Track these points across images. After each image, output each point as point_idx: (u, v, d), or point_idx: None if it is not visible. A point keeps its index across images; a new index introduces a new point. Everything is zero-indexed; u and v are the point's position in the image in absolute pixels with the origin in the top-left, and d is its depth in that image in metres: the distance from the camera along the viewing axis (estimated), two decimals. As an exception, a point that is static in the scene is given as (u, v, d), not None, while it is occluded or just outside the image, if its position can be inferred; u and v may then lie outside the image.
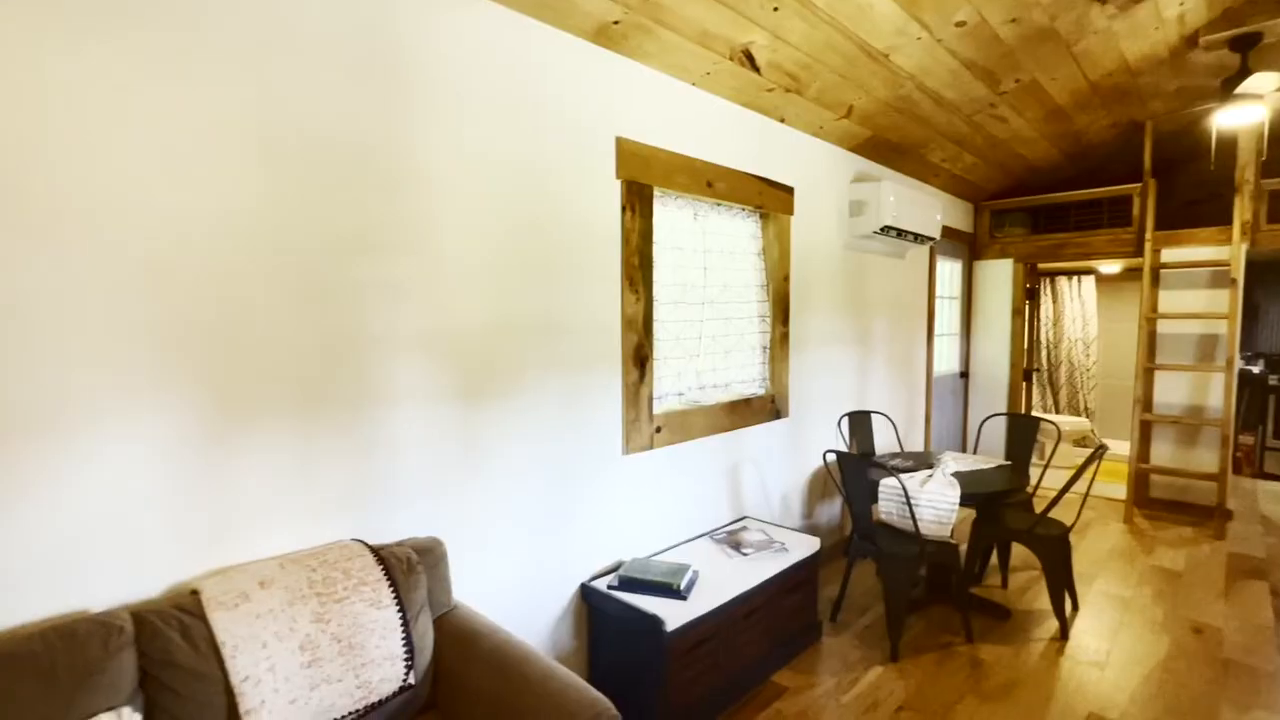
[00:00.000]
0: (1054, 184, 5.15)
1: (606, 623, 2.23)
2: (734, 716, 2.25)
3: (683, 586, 2.18)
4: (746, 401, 3.03)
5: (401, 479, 1.80)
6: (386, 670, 1.44)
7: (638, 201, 2.43)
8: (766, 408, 3.15)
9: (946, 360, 5.24)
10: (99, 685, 1.16)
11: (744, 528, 2.88)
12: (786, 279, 3.21)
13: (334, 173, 1.63)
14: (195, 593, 1.37)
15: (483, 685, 1.48)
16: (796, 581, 2.61)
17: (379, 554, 1.57)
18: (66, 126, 1.26)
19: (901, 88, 3.02)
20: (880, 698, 2.35)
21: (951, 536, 2.73)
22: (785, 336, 3.23)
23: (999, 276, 5.30)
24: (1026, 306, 5.44)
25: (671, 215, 2.70)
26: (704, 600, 2.18)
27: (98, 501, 1.32)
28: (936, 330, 4.95)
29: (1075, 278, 6.91)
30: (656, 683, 2.05)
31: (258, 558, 1.53)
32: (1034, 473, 4.51)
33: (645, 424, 2.52)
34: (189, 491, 1.44)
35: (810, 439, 3.51)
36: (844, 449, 3.47)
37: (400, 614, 1.50)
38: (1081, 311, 6.90)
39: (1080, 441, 5.84)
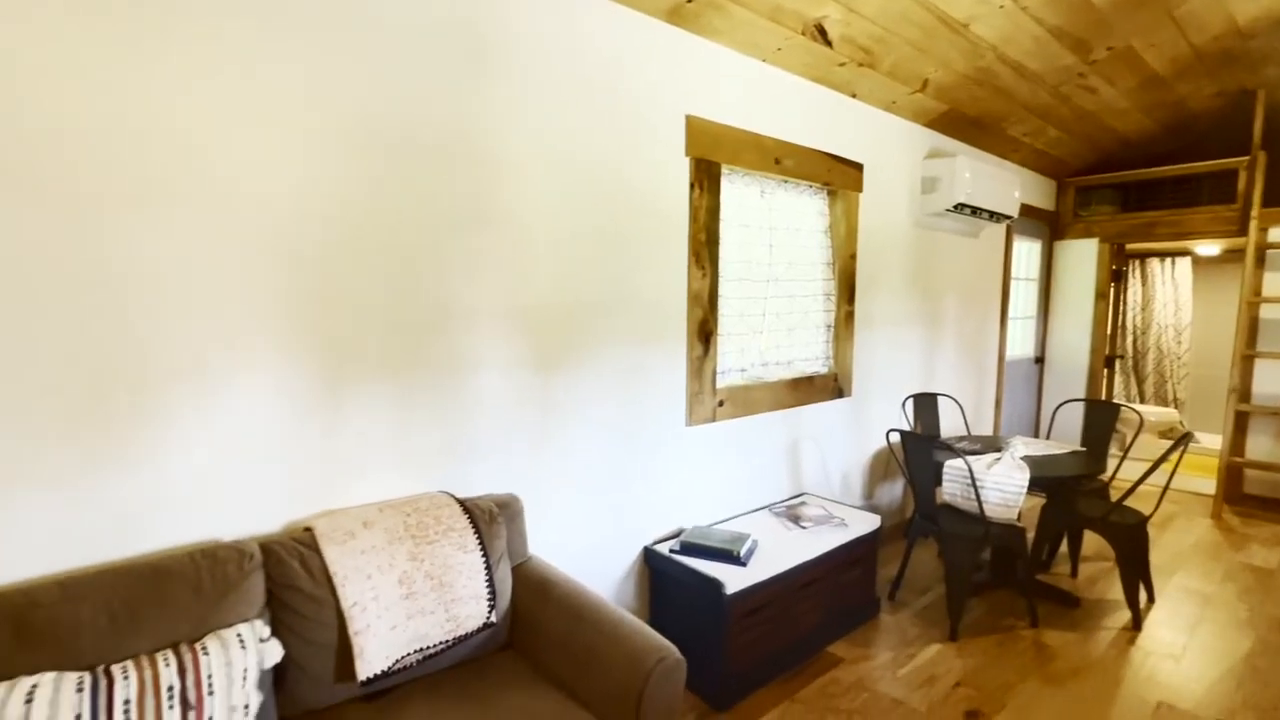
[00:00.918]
0: (1147, 158, 4.83)
1: (668, 584, 2.33)
2: (790, 681, 2.32)
3: (743, 554, 2.26)
4: (809, 379, 3.05)
5: (482, 439, 1.94)
6: (472, 608, 1.58)
7: (706, 179, 2.47)
8: (829, 386, 3.16)
9: (1020, 344, 5.04)
10: (236, 600, 1.34)
11: (803, 503, 2.92)
12: (853, 257, 3.18)
13: (428, 156, 1.76)
14: (309, 529, 1.54)
15: (557, 627, 1.61)
16: (855, 557, 2.63)
17: (464, 505, 1.72)
18: (210, 118, 1.43)
19: (981, 59, 2.92)
20: (937, 673, 2.37)
21: (1019, 520, 2.68)
22: (850, 315, 3.22)
23: (1082, 257, 5.03)
24: (1112, 289, 5.15)
25: (738, 192, 2.72)
26: (762, 568, 2.25)
27: (228, 447, 1.51)
28: (1011, 313, 4.77)
29: (1168, 259, 6.47)
30: (716, 643, 2.14)
31: (360, 503, 1.70)
32: (1113, 464, 4.32)
33: (708, 397, 2.58)
34: (303, 441, 1.61)
35: (873, 419, 3.49)
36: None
37: (484, 558, 1.64)
38: (1174, 295, 6.45)
39: (1167, 433, 5.52)
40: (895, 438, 3.61)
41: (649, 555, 2.39)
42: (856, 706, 2.18)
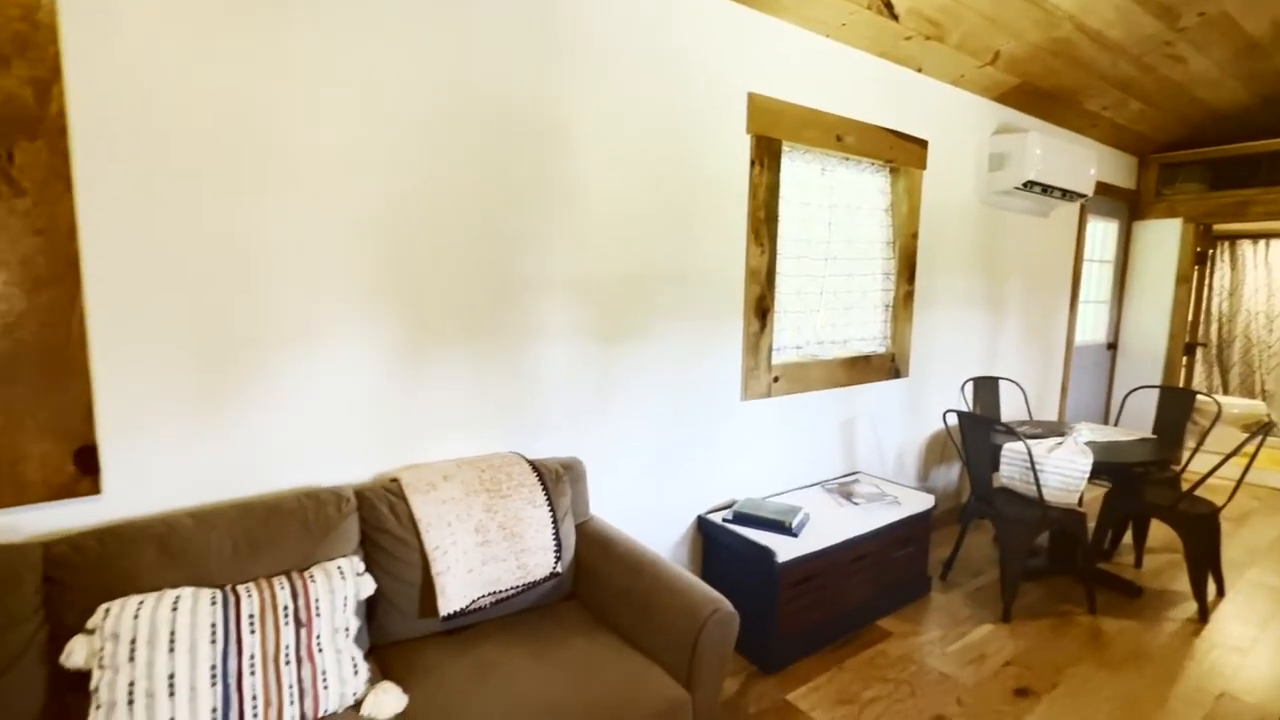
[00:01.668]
0: (1242, 132, 4.51)
1: (720, 552, 2.42)
2: (838, 650, 2.38)
3: (794, 525, 2.32)
4: (866, 359, 3.05)
5: (549, 405, 2.06)
6: (540, 558, 1.71)
7: (766, 156, 2.50)
8: (886, 366, 3.15)
9: (1092, 329, 4.85)
10: (336, 538, 1.50)
11: (856, 480, 2.95)
12: (915, 236, 3.14)
13: (502, 135, 1.87)
14: (395, 480, 1.70)
15: (617, 580, 1.72)
16: (907, 535, 2.65)
17: (533, 464, 1.84)
18: (317, 108, 1.56)
19: (1057, 29, 2.81)
20: (988, 652, 2.38)
21: (1079, 505, 2.64)
22: (910, 295, 3.18)
23: (1164, 238, 4.77)
24: (1195, 273, 4.87)
25: (798, 169, 2.73)
26: (813, 540, 2.30)
27: (326, 404, 1.67)
28: (1082, 296, 4.59)
29: (1261, 241, 6.03)
30: (766, 610, 2.22)
31: (439, 459, 1.85)
32: (1188, 457, 4.13)
33: (764, 373, 2.63)
34: (389, 400, 1.76)
35: (930, 401, 3.45)
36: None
37: (551, 514, 1.76)
38: (1267, 280, 6.03)
39: (1251, 427, 5.21)
40: (953, 418, 3.57)
41: (702, 523, 2.48)
42: (904, 678, 2.22)
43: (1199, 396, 3.19)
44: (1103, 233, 4.77)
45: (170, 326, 1.45)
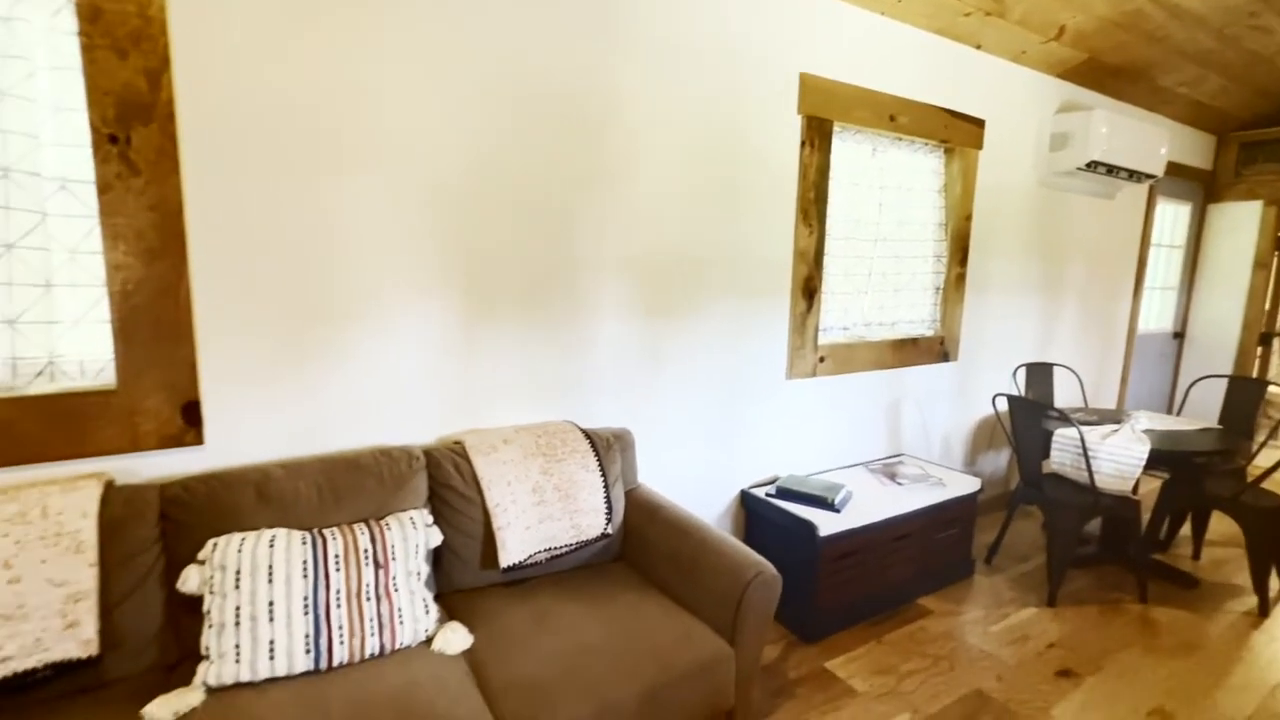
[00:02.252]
0: (1336, 107, 4.22)
1: (762, 525, 2.48)
2: (877, 625, 2.42)
3: (837, 501, 2.36)
4: (914, 341, 3.03)
5: (599, 377, 2.15)
6: (591, 519, 1.81)
7: (817, 137, 2.50)
8: (934, 349, 3.13)
9: (1157, 317, 4.65)
10: (407, 492, 1.63)
11: (900, 462, 2.95)
12: (968, 218, 3.09)
13: (558, 116, 1.94)
14: (459, 443, 1.82)
15: (664, 543, 1.80)
16: (952, 516, 2.65)
17: (586, 432, 1.94)
18: (386, 95, 1.67)
19: (1129, 1, 2.70)
20: (1031, 633, 2.38)
21: (1134, 493, 2.59)
22: (961, 278, 3.14)
23: (1241, 222, 4.52)
24: (1275, 259, 4.60)
25: (849, 150, 2.73)
26: (856, 516, 2.34)
27: (395, 369, 1.80)
28: (1147, 282, 4.41)
29: (1356, 226, 5.62)
30: (807, 582, 2.27)
31: (498, 424, 1.97)
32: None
33: (809, 353, 2.66)
34: (451, 368, 1.88)
35: (979, 385, 3.41)
36: (1017, 398, 3.34)
37: (602, 478, 1.86)
38: (1359, 268, 5.62)
39: (1331, 422, 4.91)
40: (1003, 403, 3.51)
41: (745, 497, 2.55)
42: (943, 653, 2.25)
43: (1270, 388, 3.05)
44: (1173, 216, 4.55)
45: (260, 296, 1.60)
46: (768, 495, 2.46)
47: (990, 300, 3.33)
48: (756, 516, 2.51)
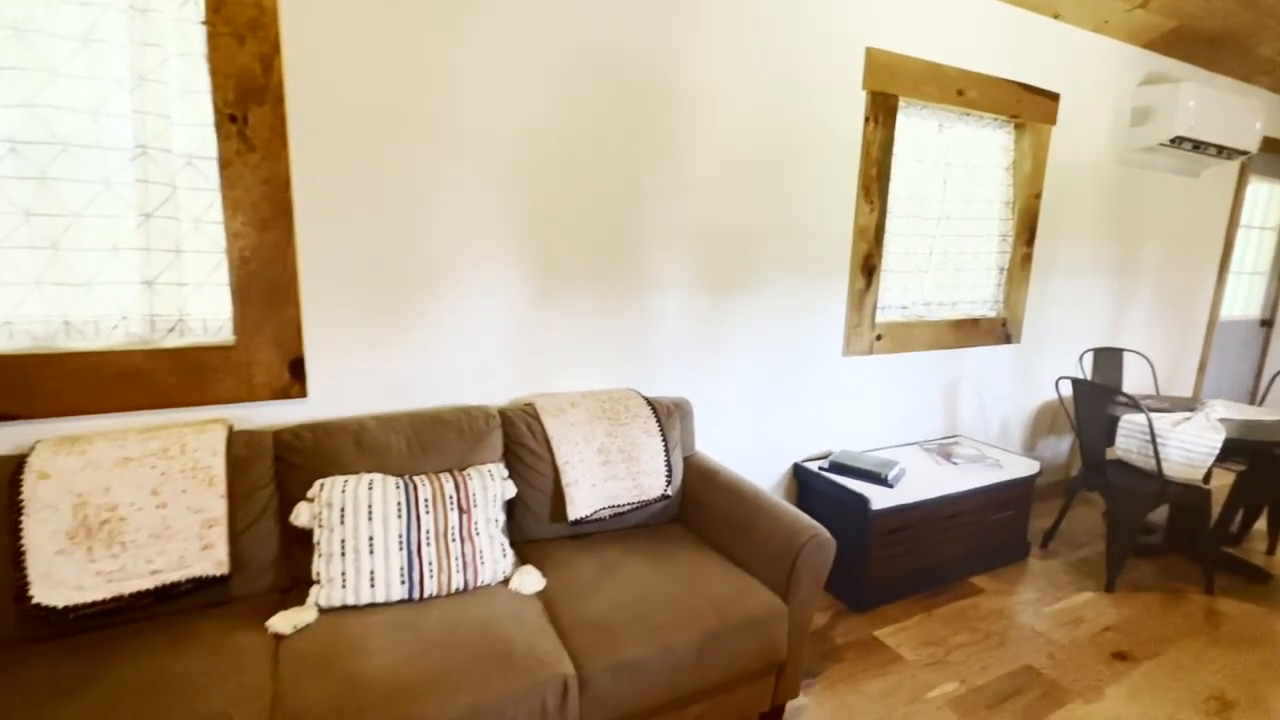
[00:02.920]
0: None
1: (815, 498, 2.53)
2: (928, 600, 2.45)
3: (890, 477, 2.39)
4: (974, 321, 3.00)
5: (660, 348, 2.24)
6: (652, 481, 1.91)
7: (881, 112, 2.49)
8: (996, 330, 3.08)
9: (1243, 303, 4.40)
10: (485, 447, 1.76)
11: (956, 442, 2.94)
12: (1038, 196, 3.01)
13: (626, 93, 2.01)
14: (530, 405, 1.94)
15: (720, 506, 1.89)
16: (1008, 498, 2.64)
17: (648, 400, 2.03)
18: (468, 74, 1.78)
19: (1225, -36, 2.55)
20: (1086, 616, 2.37)
21: (1205, 483, 2.51)
22: (1028, 258, 3.07)
23: (1344, 202, 4.21)
24: (1382, 242, 4.27)
25: (914, 126, 2.70)
26: (909, 492, 2.37)
27: (473, 334, 1.93)
28: (1234, 266, 4.17)
29: None
30: (858, 554, 2.33)
31: (565, 389, 2.08)
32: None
33: (867, 330, 2.68)
34: (523, 334, 2.00)
35: (1042, 369, 3.34)
36: (1082, 383, 3.25)
37: (663, 443, 1.95)
38: None
39: None
40: (1067, 387, 3.43)
41: (798, 470, 2.60)
42: (994, 629, 2.27)
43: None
44: (1266, 195, 4.28)
45: (355, 263, 1.74)
46: (820, 469, 2.51)
47: (1057, 282, 3.24)
48: (808, 489, 2.56)
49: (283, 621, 1.37)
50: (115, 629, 1.37)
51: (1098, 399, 2.61)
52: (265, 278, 1.65)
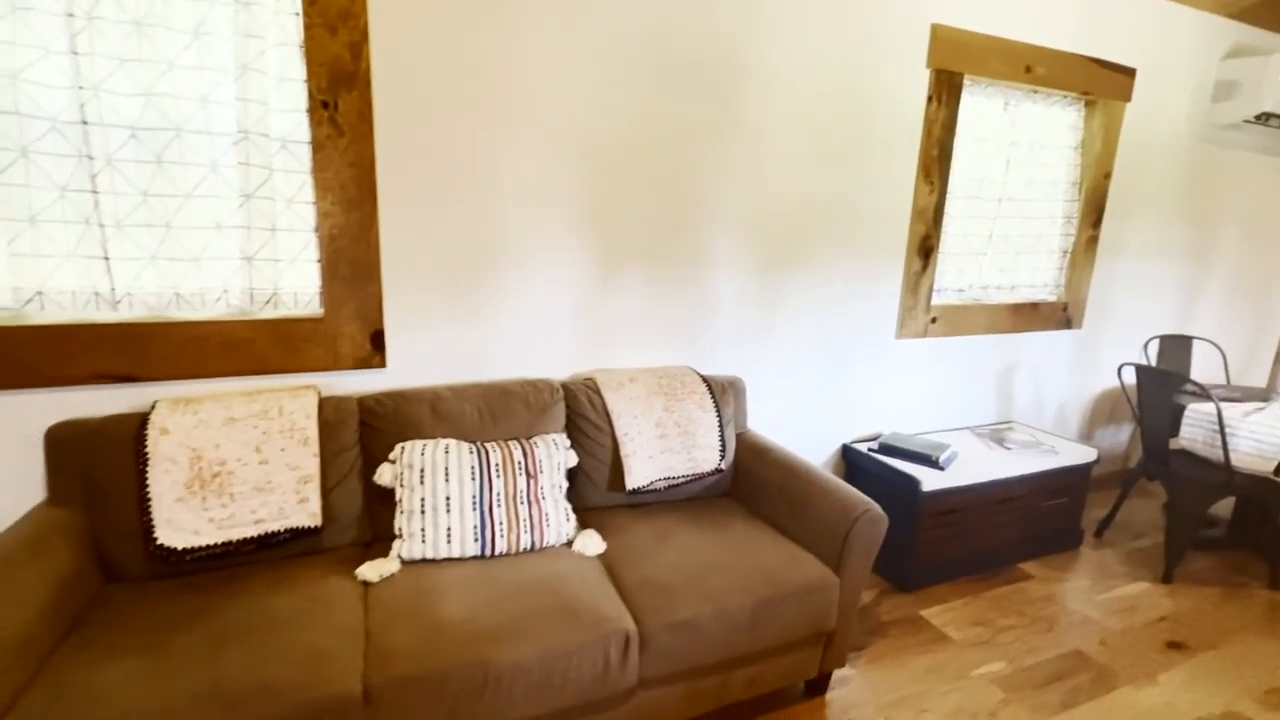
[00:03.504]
0: None
1: (864, 479, 2.56)
2: (976, 583, 2.47)
3: (942, 460, 2.40)
4: (1033, 306, 2.94)
5: (714, 327, 2.29)
6: (707, 455, 1.98)
7: (945, 91, 2.45)
8: (1056, 315, 3.01)
9: (1327, 291, 4.15)
10: (549, 418, 1.86)
11: (1010, 428, 2.91)
12: (1107, 176, 2.91)
13: (687, 75, 2.04)
14: (590, 379, 2.03)
15: (772, 481, 1.95)
16: (1061, 485, 2.62)
17: (703, 377, 2.10)
18: (534, 60, 1.84)
19: (1327, -72, 2.39)
20: (1140, 606, 2.35)
21: (1276, 475, 2.44)
22: (1093, 241, 2.98)
23: None
24: None
25: (979, 104, 2.64)
26: (959, 476, 2.37)
27: (537, 310, 2.02)
28: (1319, 251, 3.93)
29: None
30: (906, 535, 2.35)
31: (622, 365, 2.16)
32: None
33: (921, 313, 2.66)
34: (584, 312, 2.08)
35: (1104, 356, 3.25)
36: (1146, 371, 3.16)
37: (718, 419, 2.02)
38: None
39: None
40: (1130, 373, 3.34)
41: (847, 451, 2.63)
42: (1043, 614, 2.28)
43: None
44: (1361, 175, 4.00)
45: (431, 242, 1.84)
46: (870, 450, 2.54)
47: (1123, 266, 3.14)
48: (857, 470, 2.59)
49: (370, 570, 1.50)
50: (224, 571, 1.53)
51: (1164, 387, 2.55)
52: (351, 255, 1.76)
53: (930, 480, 2.30)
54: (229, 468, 1.51)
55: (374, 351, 1.84)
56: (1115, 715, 1.81)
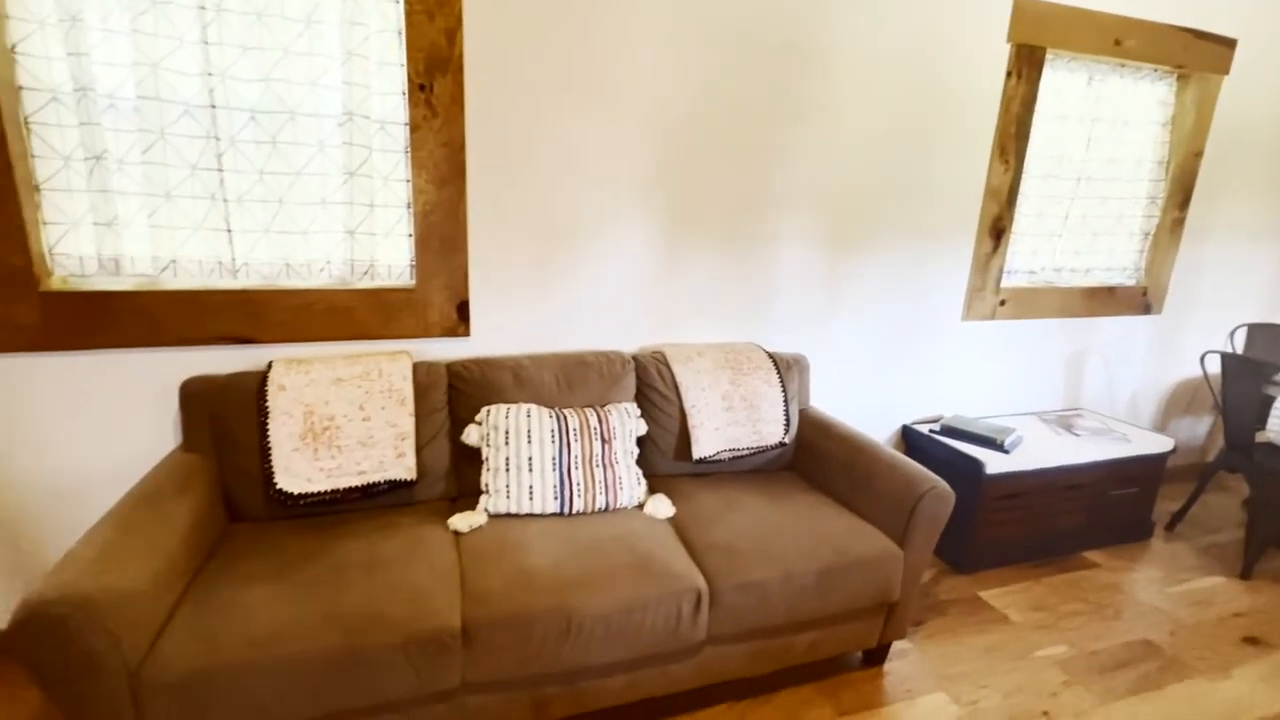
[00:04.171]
0: None
1: (923, 460, 2.56)
2: (1037, 568, 2.45)
3: (1007, 443, 2.38)
4: (1110, 290, 2.85)
5: (779, 305, 2.33)
6: (771, 428, 2.04)
7: (1026, 66, 2.39)
8: (1134, 300, 2.91)
9: None
10: (620, 388, 1.95)
11: (1079, 414, 2.85)
12: (1199, 155, 2.78)
13: (763, 53, 2.07)
14: (659, 352, 2.10)
15: (836, 456, 1.99)
16: (1133, 474, 2.56)
17: (769, 353, 2.14)
18: (611, 38, 1.90)
19: None
20: (1215, 600, 2.29)
21: (1371, 471, 2.32)
22: (1179, 223, 2.86)
23: None
24: None
25: (1060, 80, 2.56)
26: (1025, 459, 2.35)
27: (609, 284, 2.10)
28: None
29: None
30: (966, 517, 2.35)
31: (689, 341, 2.23)
32: None
33: (990, 295, 2.63)
34: (653, 286, 2.15)
35: (1184, 344, 3.12)
36: (1232, 361, 3.02)
37: (782, 394, 2.07)
38: None
39: None
40: (1214, 362, 3.19)
41: (907, 432, 2.64)
42: (1109, 602, 2.25)
43: None
44: None
45: (514, 217, 1.94)
46: (931, 432, 2.54)
47: (1211, 249, 3.00)
48: (917, 451, 2.59)
49: (461, 521, 1.63)
50: (330, 516, 1.68)
51: (1252, 377, 2.45)
52: (442, 229, 1.88)
53: (994, 463, 2.30)
54: (336, 423, 1.66)
55: (459, 321, 1.96)
56: (1185, 704, 1.80)
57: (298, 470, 1.62)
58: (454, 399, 1.84)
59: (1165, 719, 1.74)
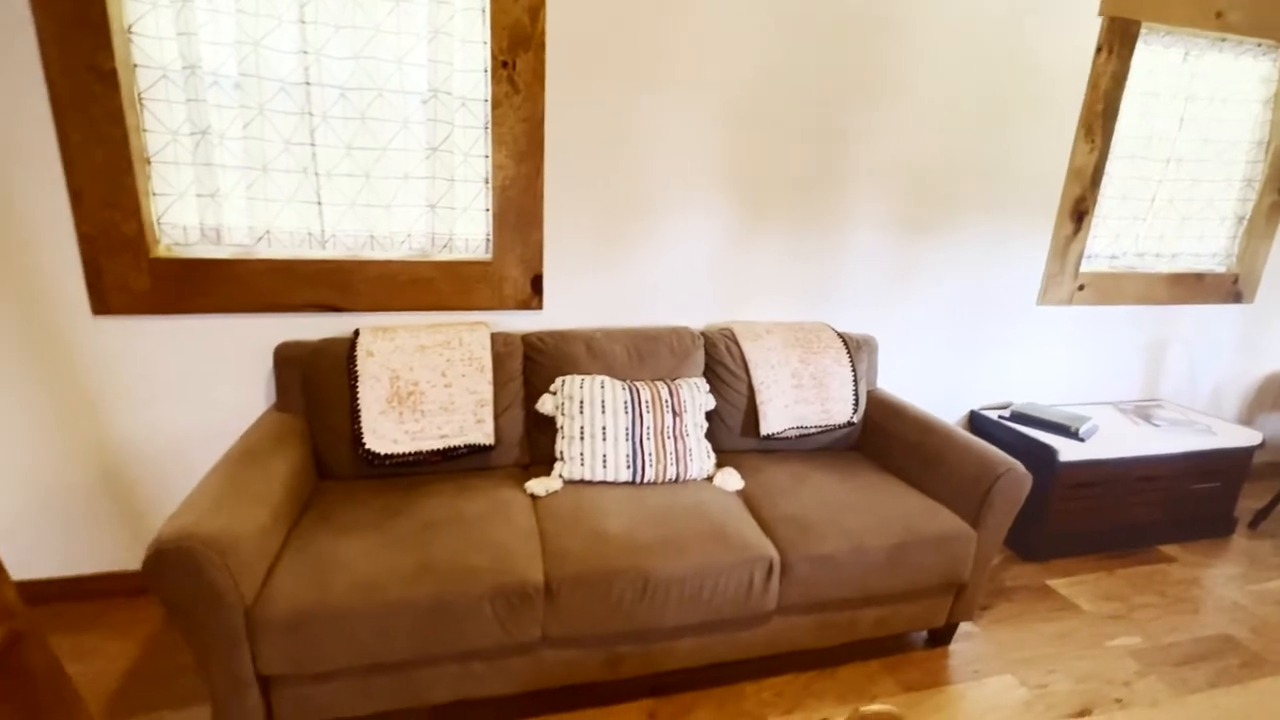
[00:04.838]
0: None
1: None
2: (1110, 559, 2.38)
3: (1082, 431, 2.31)
4: (1198, 276, 2.72)
5: (850, 285, 2.30)
6: (839, 407, 2.03)
7: (1118, 41, 2.28)
8: (1224, 288, 2.77)
9: None
10: (690, 363, 1.97)
11: (1158, 405, 2.74)
12: (1301, 133, 2.61)
13: (839, 30, 2.03)
14: (728, 329, 2.11)
15: (907, 437, 1.97)
16: (1215, 467, 2.45)
17: (839, 333, 2.13)
18: (683, 24, 1.90)
19: None
20: (1303, 600, 2.19)
21: None
22: (1278, 208, 2.70)
23: None
24: None
25: (1153, 55, 2.43)
26: (1100, 448, 2.28)
27: (679, 261, 2.11)
28: None
29: None
30: (1037, 505, 2.30)
31: (757, 319, 2.23)
32: None
33: (1068, 280, 2.54)
34: (724, 265, 2.16)
35: (1276, 334, 2.96)
36: (1328, 353, 2.85)
37: (852, 374, 2.05)
38: None
39: None
40: (1305, 361, 3.02)
41: (974, 418, 2.58)
42: (1186, 596, 2.18)
43: None
44: None
45: (588, 193, 1.97)
46: (1001, 418, 2.48)
47: (1313, 235, 2.82)
48: (985, 436, 2.54)
49: (538, 485, 1.69)
50: (413, 476, 1.76)
51: (1352, 369, 2.31)
52: (519, 205, 1.93)
53: (1068, 450, 2.24)
54: (420, 389, 1.73)
55: (533, 294, 2.01)
56: (1266, 701, 1.74)
57: (384, 432, 1.69)
58: (528, 369, 1.89)
59: (1249, 711, 1.68)
